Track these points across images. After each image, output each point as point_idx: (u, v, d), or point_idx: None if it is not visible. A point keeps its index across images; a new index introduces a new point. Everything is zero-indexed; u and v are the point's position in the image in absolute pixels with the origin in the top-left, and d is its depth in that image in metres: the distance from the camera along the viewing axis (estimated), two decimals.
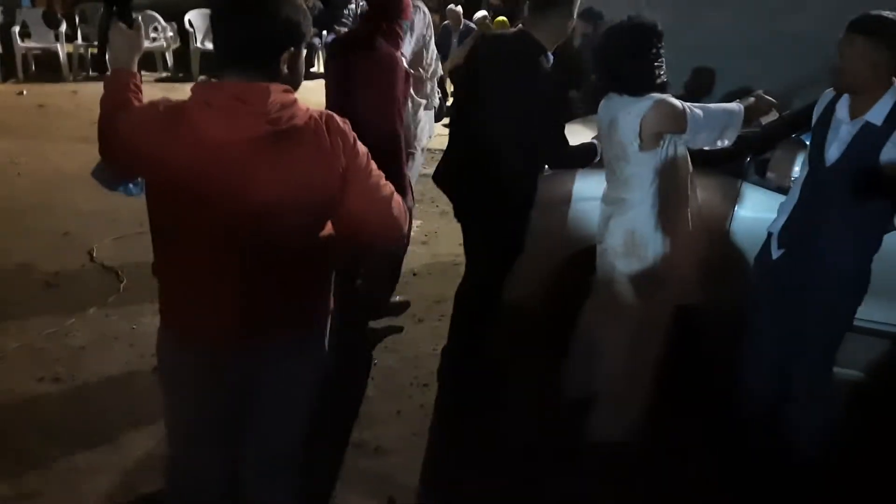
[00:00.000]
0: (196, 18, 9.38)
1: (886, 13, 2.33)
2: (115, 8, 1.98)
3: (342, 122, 1.69)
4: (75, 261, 4.40)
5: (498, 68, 2.89)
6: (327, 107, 3.18)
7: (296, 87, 1.66)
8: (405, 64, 3.28)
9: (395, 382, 3.34)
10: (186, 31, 9.29)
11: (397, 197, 1.80)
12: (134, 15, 1.99)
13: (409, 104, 3.60)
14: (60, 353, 3.40)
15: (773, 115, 2.88)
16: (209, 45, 9.50)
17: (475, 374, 3.20)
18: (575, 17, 2.88)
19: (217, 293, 1.70)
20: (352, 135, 1.70)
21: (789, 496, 2.71)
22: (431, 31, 4.25)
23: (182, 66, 9.42)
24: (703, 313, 3.21)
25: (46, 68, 9.66)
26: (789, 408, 2.69)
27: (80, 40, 9.21)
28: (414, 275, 4.42)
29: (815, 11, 6.07)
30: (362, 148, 1.72)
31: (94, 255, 4.47)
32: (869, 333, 3.06)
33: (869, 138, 2.36)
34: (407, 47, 3.70)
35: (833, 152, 2.46)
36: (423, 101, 4.20)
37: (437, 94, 4.42)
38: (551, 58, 2.84)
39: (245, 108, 1.54)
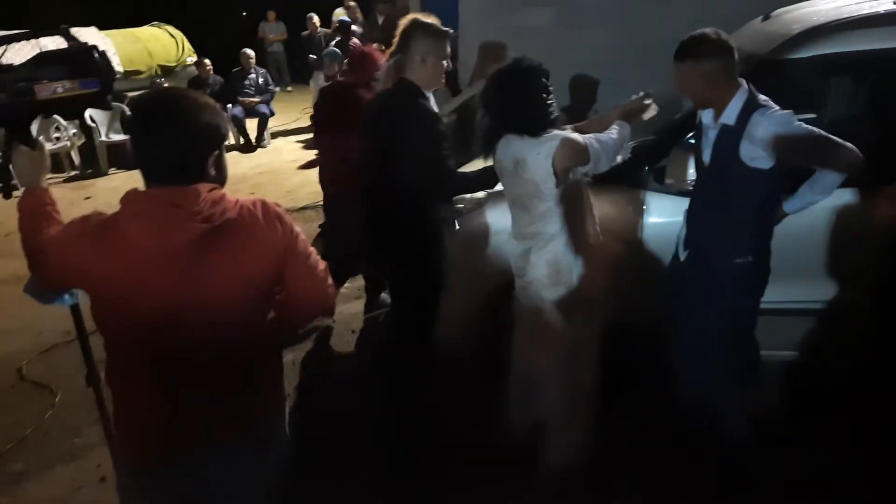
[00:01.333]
0: (97, 114, 9.26)
1: (698, 32, 2.53)
2: (14, 134, 1.99)
3: (276, 207, 1.73)
4: (5, 381, 4.24)
5: (380, 119, 3.00)
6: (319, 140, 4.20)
7: (223, 183, 1.70)
8: None
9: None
10: (89, 127, 9.16)
11: (327, 272, 1.85)
12: (33, 135, 2.00)
13: None
14: (1, 484, 3.26)
15: (655, 110, 3.01)
16: (114, 137, 9.39)
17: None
18: (442, 53, 2.94)
19: (163, 399, 1.69)
20: (288, 218, 1.74)
21: (729, 481, 2.82)
22: None
23: (89, 162, 9.28)
24: (630, 320, 3.33)
25: None
26: (713, 400, 2.80)
27: None
28: (353, 332, 4.42)
29: (684, 15, 6.43)
30: (298, 228, 1.77)
31: (24, 372, 4.33)
32: (794, 314, 3.22)
33: (728, 138, 2.55)
34: None
35: (706, 155, 2.66)
36: None
37: None
38: (430, 97, 2.96)
39: (179, 213, 1.57)
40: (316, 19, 12.34)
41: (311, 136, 10.35)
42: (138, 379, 1.71)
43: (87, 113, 9.41)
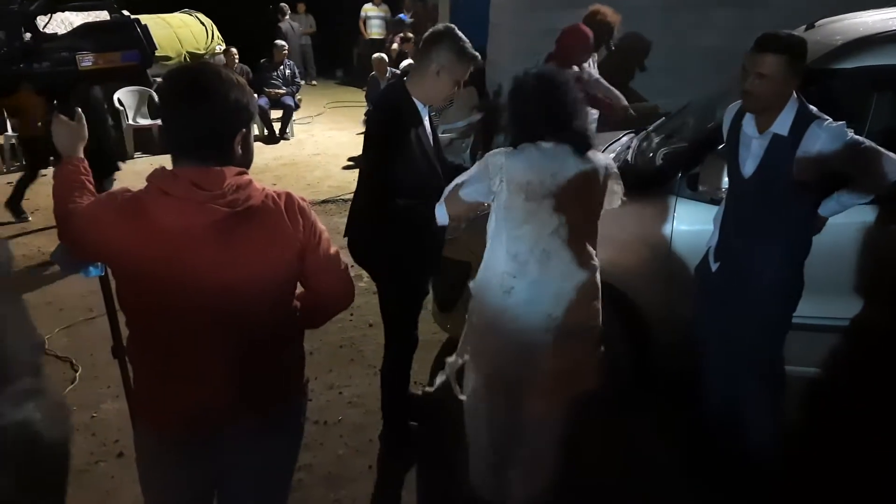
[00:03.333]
0: (126, 97, 9.34)
1: (787, 32, 2.48)
2: (56, 102, 2.00)
3: (301, 201, 1.73)
4: None
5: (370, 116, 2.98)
6: None
7: (248, 165, 1.69)
8: None
9: (363, 437, 3.32)
10: (117, 111, 9.24)
11: (348, 270, 1.85)
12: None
13: None
14: None
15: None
16: (141, 122, 9.45)
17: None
18: (458, 75, 2.72)
19: (183, 377, 1.70)
20: (311, 213, 1.74)
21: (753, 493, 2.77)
22: None
23: (117, 145, 9.35)
24: (656, 327, 3.30)
25: None
26: (740, 413, 2.76)
27: (9, 131, 9.08)
28: (370, 325, 4.41)
29: (721, 24, 6.40)
30: (321, 226, 1.76)
31: (46, 346, 4.36)
32: (819, 330, 3.17)
33: (779, 149, 2.49)
34: None
35: (749, 166, 2.59)
36: None
37: None
38: (422, 108, 2.81)
39: (202, 195, 1.56)
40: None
41: (334, 131, 10.43)
42: (159, 356, 1.71)
43: (116, 96, 9.52)
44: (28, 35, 2.03)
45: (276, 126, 10.10)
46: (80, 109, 2.00)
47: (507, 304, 2.37)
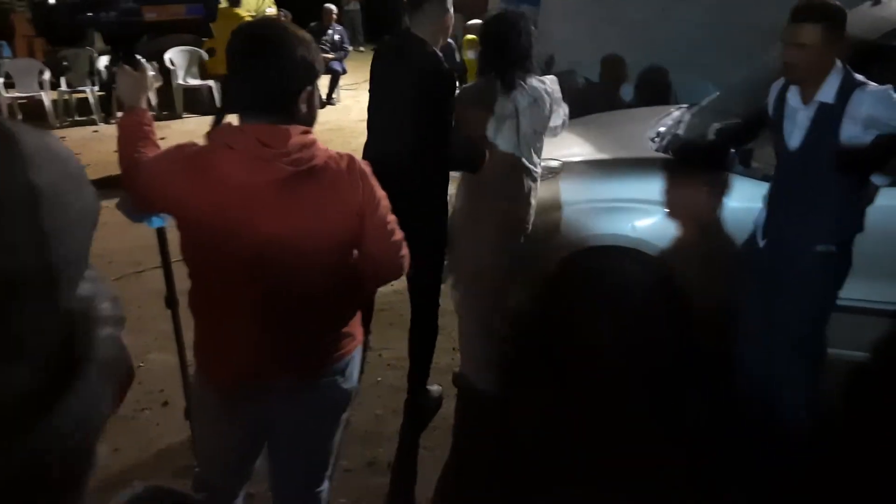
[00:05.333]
0: (176, 57, 9.44)
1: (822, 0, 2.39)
2: (121, 53, 2.03)
3: (364, 165, 1.73)
4: None
5: (392, 72, 2.97)
6: None
7: (312, 123, 1.70)
8: None
9: (400, 399, 3.36)
10: (168, 70, 9.36)
11: (403, 240, 1.85)
12: (138, 57, 2.04)
13: None
14: None
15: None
16: (191, 82, 9.57)
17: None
18: (451, 11, 2.93)
19: (240, 331, 1.73)
20: (372, 178, 1.74)
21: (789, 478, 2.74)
22: None
23: (166, 105, 9.47)
24: (702, 303, 3.27)
25: (32, 116, 9.71)
26: (779, 393, 2.72)
27: (63, 86, 9.26)
28: None
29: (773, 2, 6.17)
30: (381, 192, 1.76)
31: None
32: (868, 313, 3.10)
33: (826, 118, 2.44)
34: None
35: (795, 139, 2.53)
36: None
37: None
38: (439, 55, 2.90)
39: (267, 151, 1.58)
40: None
41: None
42: (219, 309, 1.75)
43: (167, 56, 9.65)
44: None
45: (323, 91, 10.14)
46: (143, 60, 2.03)
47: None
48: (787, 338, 2.68)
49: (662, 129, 3.89)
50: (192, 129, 8.47)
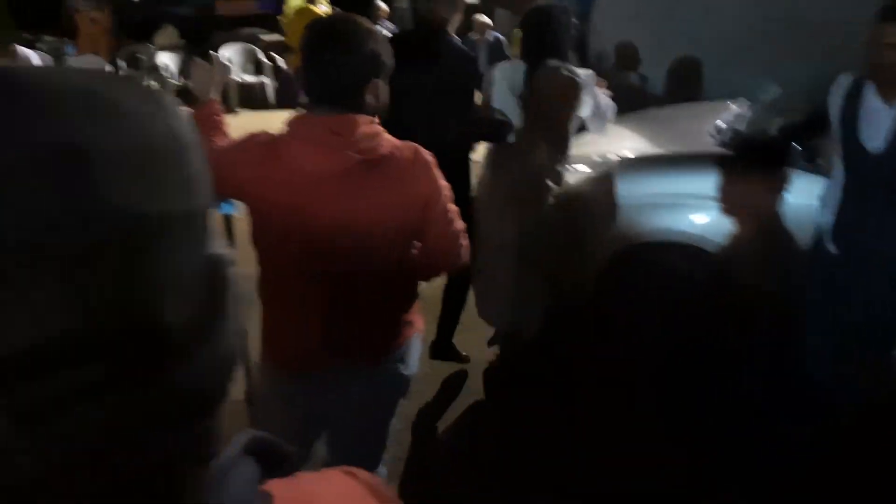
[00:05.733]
0: (232, 52, 9.64)
1: None
2: (194, 46, 2.10)
3: (428, 156, 1.75)
4: None
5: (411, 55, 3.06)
6: None
7: (379, 114, 1.73)
8: None
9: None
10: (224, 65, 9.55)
11: (464, 232, 1.86)
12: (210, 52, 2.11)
13: None
14: None
15: None
16: (246, 78, 9.75)
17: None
18: None
19: (306, 317, 1.76)
20: (436, 170, 1.76)
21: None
22: None
23: (222, 100, 9.66)
24: (760, 301, 3.21)
25: None
26: (841, 400, 2.66)
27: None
28: None
29: None
30: (443, 182, 1.78)
31: None
32: None
33: None
34: None
35: (877, 142, 2.44)
36: None
37: None
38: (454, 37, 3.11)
39: (338, 141, 1.62)
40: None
41: None
42: (286, 295, 1.79)
43: (222, 52, 9.86)
44: None
45: None
46: (215, 53, 2.09)
47: None
48: (864, 345, 2.60)
49: (723, 125, 3.84)
50: (245, 123, 8.60)
